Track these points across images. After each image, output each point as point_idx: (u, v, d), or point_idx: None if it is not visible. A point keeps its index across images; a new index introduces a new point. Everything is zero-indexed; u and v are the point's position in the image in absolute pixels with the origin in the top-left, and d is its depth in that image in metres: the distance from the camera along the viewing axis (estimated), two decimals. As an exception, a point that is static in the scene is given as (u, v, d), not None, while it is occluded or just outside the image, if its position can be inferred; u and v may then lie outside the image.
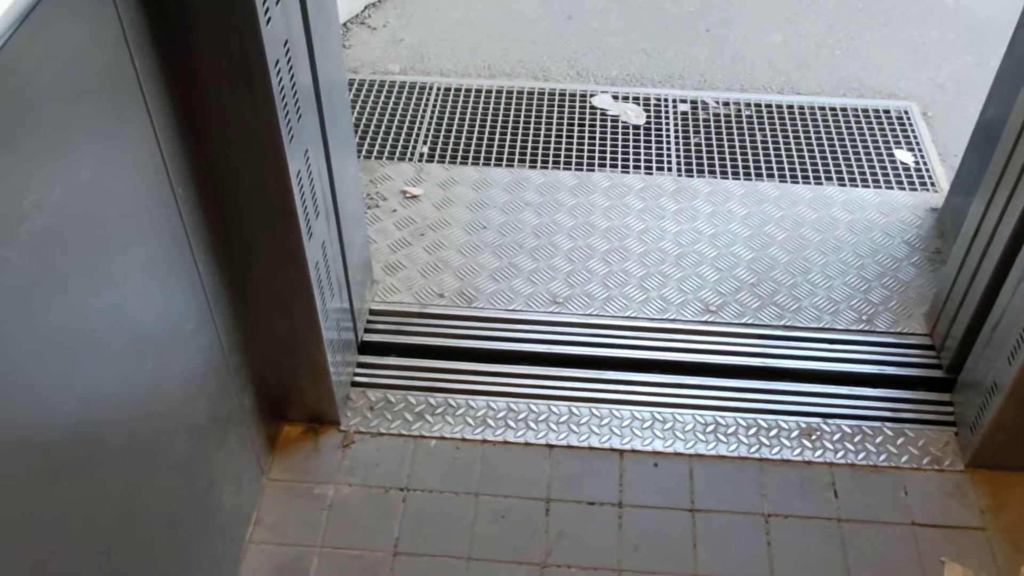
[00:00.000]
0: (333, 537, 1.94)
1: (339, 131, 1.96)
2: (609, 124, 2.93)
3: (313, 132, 1.77)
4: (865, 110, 3.00)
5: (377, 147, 2.83)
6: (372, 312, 2.34)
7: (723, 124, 2.94)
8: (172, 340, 1.54)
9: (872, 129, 2.93)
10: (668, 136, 2.89)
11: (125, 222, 1.34)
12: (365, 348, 2.28)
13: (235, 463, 1.89)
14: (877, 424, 2.14)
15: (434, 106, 2.99)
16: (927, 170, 2.79)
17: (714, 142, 2.87)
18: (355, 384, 2.21)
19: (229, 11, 1.39)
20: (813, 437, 2.12)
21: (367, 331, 2.31)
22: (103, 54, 1.24)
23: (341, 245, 2.03)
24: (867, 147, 2.86)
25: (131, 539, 1.43)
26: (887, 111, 3.00)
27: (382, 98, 3.02)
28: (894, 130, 2.93)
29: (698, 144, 2.86)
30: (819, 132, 2.91)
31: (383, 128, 2.90)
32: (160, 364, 1.48)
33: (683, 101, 3.03)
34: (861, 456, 2.08)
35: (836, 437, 2.11)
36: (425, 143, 2.84)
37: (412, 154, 2.80)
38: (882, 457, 2.08)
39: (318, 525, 1.95)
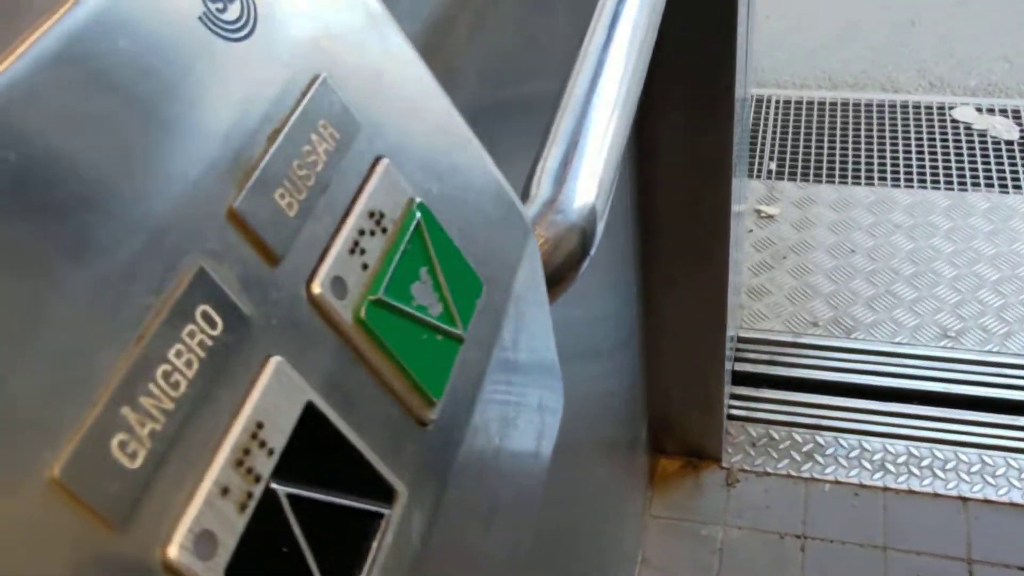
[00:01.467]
0: (729, 585, 1.79)
1: (742, 146, 1.82)
2: (976, 139, 2.66)
3: (742, 148, 1.64)
4: None
5: (720, 163, 2.68)
6: (741, 340, 2.19)
7: (1113, 139, 2.60)
8: (607, 350, 1.43)
9: None
10: (1049, 152, 2.59)
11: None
12: (738, 379, 2.12)
13: (624, 496, 1.78)
14: None
15: (775, 120, 2.81)
16: None
17: (1106, 159, 2.55)
18: (732, 417, 2.05)
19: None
20: None
21: (738, 360, 2.15)
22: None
23: (734, 268, 1.88)
24: None
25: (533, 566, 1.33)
26: None
27: (718, 111, 2.86)
28: None
29: (1087, 161, 2.55)
30: None
31: (723, 143, 2.74)
32: (594, 372, 1.38)
33: (1060, 113, 2.72)
34: None
35: None
36: (772, 159, 2.67)
37: (760, 171, 2.64)
38: None
39: (710, 570, 1.81)
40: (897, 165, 2.60)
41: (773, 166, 2.65)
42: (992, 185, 2.51)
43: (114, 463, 0.25)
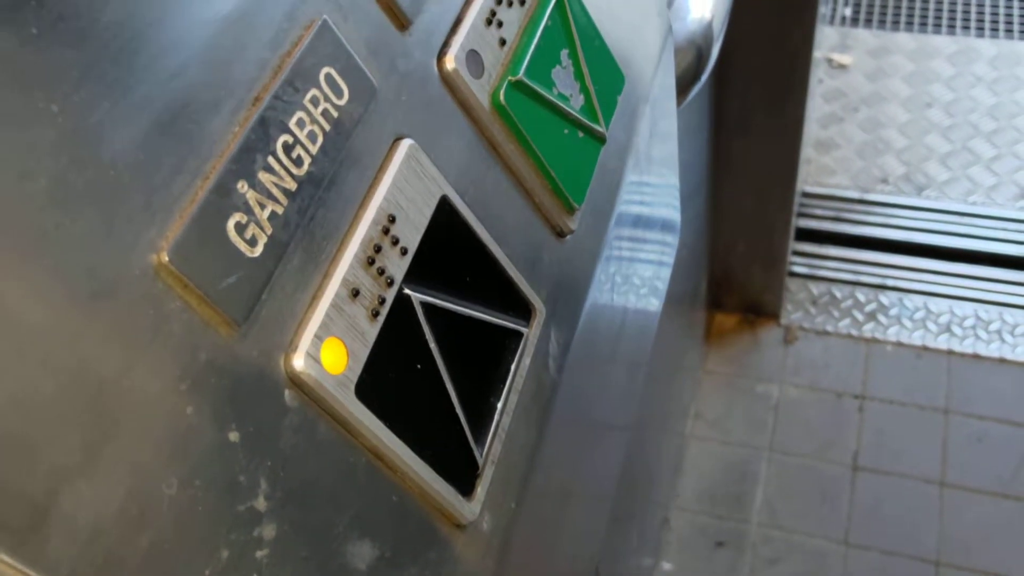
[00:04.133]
0: (783, 441, 1.76)
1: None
2: (1070, -13, 2.48)
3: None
4: None
5: (791, 8, 2.52)
6: (805, 195, 2.10)
7: None
8: (682, 196, 1.37)
9: None
10: None
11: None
12: (801, 234, 2.05)
13: (680, 349, 1.75)
14: None
15: (853, -38, 2.63)
16: None
17: None
18: (792, 274, 1.99)
19: None
20: None
21: (801, 215, 2.07)
22: None
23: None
24: None
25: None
26: None
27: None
28: None
29: None
30: None
31: (795, -13, 2.58)
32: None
33: None
34: None
35: None
36: (847, 4, 2.51)
37: (834, 17, 2.49)
38: None
39: (765, 426, 1.79)
40: (983, 12, 2.44)
41: (848, 11, 2.49)
42: (1084, 38, 2.35)
43: (232, 249, 0.20)
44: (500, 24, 0.29)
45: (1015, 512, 1.64)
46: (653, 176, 0.41)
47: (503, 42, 0.29)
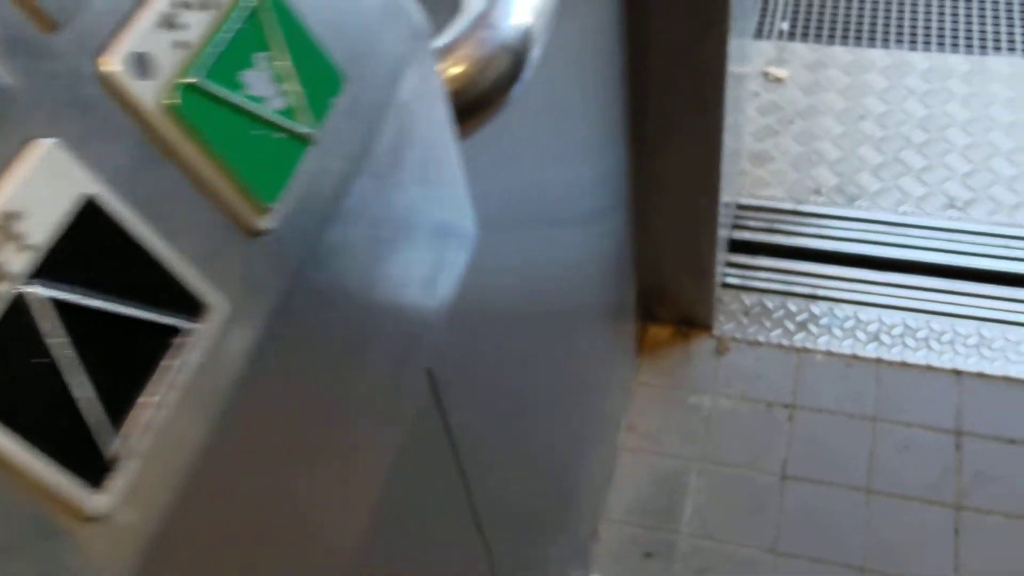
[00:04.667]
0: (714, 452, 1.77)
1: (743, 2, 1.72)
2: (1002, 0, 2.52)
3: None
4: None
5: (729, 23, 2.55)
6: (740, 207, 2.12)
7: None
8: (593, 216, 1.38)
9: None
10: (1077, 16, 2.45)
11: (582, 84, 1.18)
12: (735, 246, 2.07)
13: (613, 361, 1.76)
14: None
15: (791, -22, 2.66)
16: None
17: None
18: (726, 285, 2.01)
19: None
20: None
21: (736, 227, 2.09)
22: None
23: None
24: None
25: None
26: None
27: (731, -32, 2.72)
28: None
29: (1117, 26, 2.42)
30: None
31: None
32: (580, 240, 1.34)
33: (1092, -25, 2.56)
34: None
35: None
36: (784, 19, 2.54)
37: (771, 31, 2.52)
38: None
39: (696, 438, 1.80)
40: (916, 26, 2.48)
41: (785, 26, 2.53)
42: (1015, 50, 2.39)
43: None
44: (180, 27, 0.30)
45: (940, 518, 1.65)
46: (411, 180, 0.41)
47: (183, 45, 0.30)
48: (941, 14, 2.50)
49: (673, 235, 1.75)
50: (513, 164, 0.91)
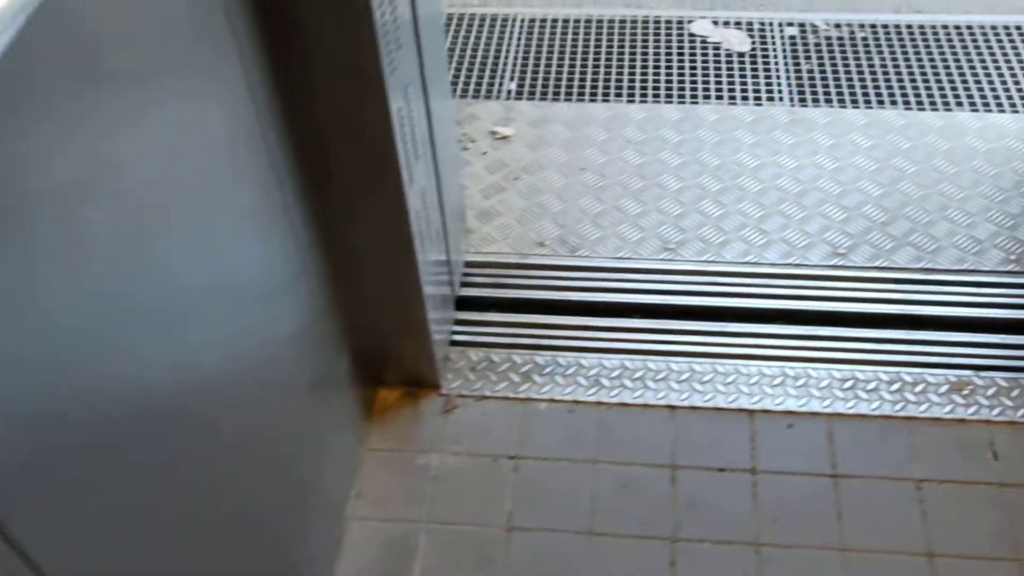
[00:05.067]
0: (441, 511, 1.78)
1: (436, 67, 1.77)
2: (711, 53, 2.69)
3: (412, 67, 1.58)
4: (995, 27, 2.72)
5: (461, 85, 2.63)
6: (468, 264, 2.16)
7: (836, 48, 2.68)
8: (268, 296, 1.37)
9: (1005, 48, 2.65)
10: (777, 63, 2.64)
11: (219, 168, 1.17)
12: (462, 304, 2.10)
13: (333, 432, 1.74)
14: (1038, 377, 1.92)
15: (519, 39, 2.77)
16: (1070, 91, 2.51)
17: (828, 68, 2.62)
18: (454, 343, 2.04)
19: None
20: (965, 392, 1.90)
21: (464, 285, 2.13)
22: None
23: (439, 191, 1.84)
24: (1000, 68, 2.58)
25: (224, 513, 1.28)
26: (1020, 27, 2.72)
27: (462, 32, 2.81)
28: (1028, 48, 2.65)
29: (810, 70, 2.61)
30: (944, 54, 2.64)
31: (466, 64, 2.69)
32: (256, 322, 1.32)
33: (790, 24, 2.77)
34: (1021, 413, 1.86)
35: (991, 392, 1.90)
36: (512, 79, 2.63)
37: (499, 92, 2.60)
38: (1046, 414, 1.86)
39: (423, 498, 1.80)
40: (634, 81, 2.61)
41: (513, 86, 2.61)
42: (721, 97, 2.55)
43: None
44: None
45: (658, 551, 1.71)
46: None
47: None
48: (657, 68, 2.64)
49: (382, 302, 1.76)
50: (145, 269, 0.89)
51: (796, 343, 1.99)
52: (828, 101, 2.52)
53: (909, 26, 2.74)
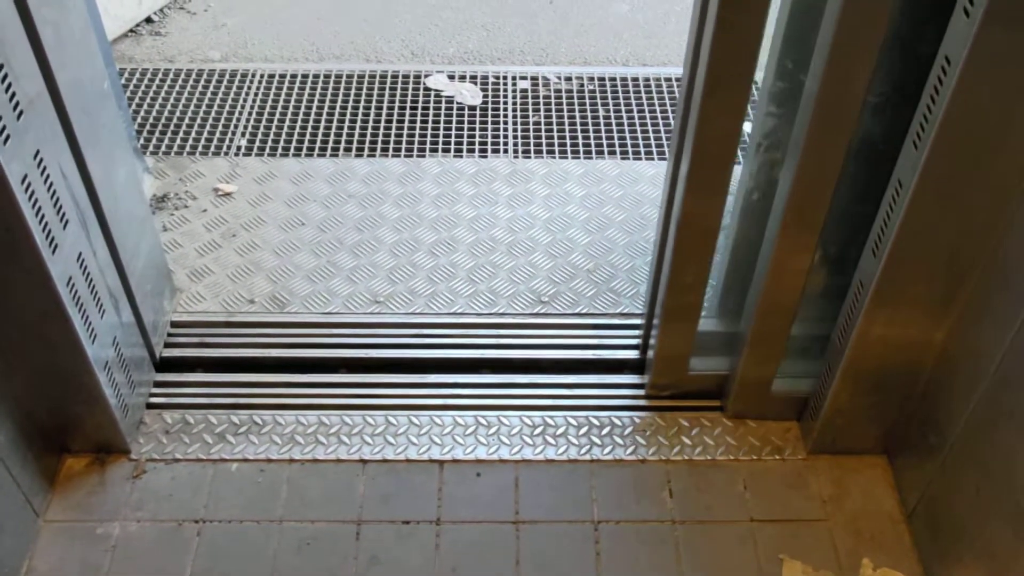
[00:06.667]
0: (116, 582, 1.73)
1: (98, 130, 1.75)
2: (444, 106, 2.75)
3: (49, 132, 1.56)
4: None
5: (191, 142, 2.61)
6: (174, 324, 2.14)
7: (564, 101, 2.78)
8: None
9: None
10: (506, 116, 2.72)
11: None
12: (165, 365, 2.07)
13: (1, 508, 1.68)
14: (715, 414, 2.01)
15: (256, 94, 2.77)
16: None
17: (554, 120, 2.71)
18: (151, 406, 2.00)
19: None
20: (648, 433, 1.98)
21: (167, 346, 2.10)
22: None
23: (114, 254, 1.82)
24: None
25: None
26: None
27: (199, 88, 2.79)
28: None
29: (536, 123, 2.70)
30: (665, 105, 2.78)
31: (198, 121, 2.68)
32: None
33: (523, 78, 2.87)
34: (699, 451, 1.95)
35: (672, 431, 1.98)
36: (244, 135, 2.63)
37: (229, 148, 2.59)
38: (720, 451, 1.95)
39: (100, 570, 1.75)
40: (365, 135, 2.65)
41: (244, 142, 2.61)
42: (448, 149, 2.61)
43: None
44: None
45: (333, 610, 1.71)
46: None
47: None
48: (389, 122, 2.69)
49: (46, 369, 1.72)
50: None
51: (492, 391, 2.04)
52: (550, 152, 2.61)
53: (635, 78, 2.87)
